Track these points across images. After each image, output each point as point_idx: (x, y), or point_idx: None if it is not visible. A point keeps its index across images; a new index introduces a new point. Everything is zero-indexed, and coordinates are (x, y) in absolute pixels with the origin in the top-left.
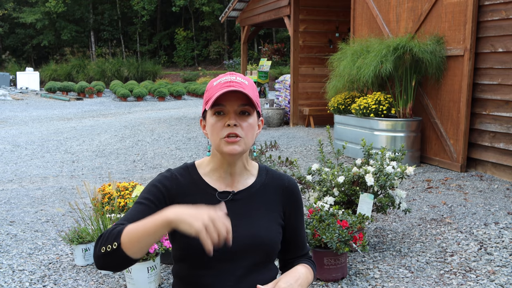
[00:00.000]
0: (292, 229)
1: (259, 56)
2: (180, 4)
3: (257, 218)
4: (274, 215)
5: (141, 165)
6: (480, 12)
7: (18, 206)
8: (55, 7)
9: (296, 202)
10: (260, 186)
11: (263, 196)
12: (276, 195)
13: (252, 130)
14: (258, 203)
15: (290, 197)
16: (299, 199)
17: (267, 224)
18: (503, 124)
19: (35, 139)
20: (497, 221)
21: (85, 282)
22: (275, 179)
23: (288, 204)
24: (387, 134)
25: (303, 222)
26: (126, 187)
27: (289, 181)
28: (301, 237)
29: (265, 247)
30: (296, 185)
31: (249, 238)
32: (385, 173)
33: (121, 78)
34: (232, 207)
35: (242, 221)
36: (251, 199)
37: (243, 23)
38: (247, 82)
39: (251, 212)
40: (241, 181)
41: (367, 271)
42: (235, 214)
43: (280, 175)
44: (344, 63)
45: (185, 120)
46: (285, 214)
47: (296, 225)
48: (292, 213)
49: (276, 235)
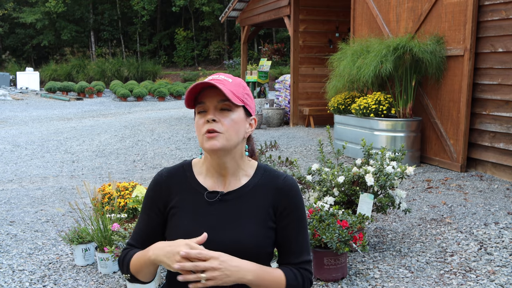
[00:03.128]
0: (283, 233)
1: (259, 56)
2: (180, 4)
3: (244, 221)
4: (264, 217)
5: (141, 165)
6: (480, 12)
7: (18, 206)
8: (55, 7)
9: (291, 204)
10: (253, 187)
11: (254, 197)
12: (268, 196)
13: (235, 126)
14: (248, 205)
15: (283, 198)
16: (294, 201)
17: (254, 227)
18: (503, 124)
19: (35, 139)
20: (497, 221)
21: (85, 282)
22: (271, 179)
23: (279, 205)
24: (387, 134)
25: (301, 227)
26: (126, 187)
27: (284, 181)
28: (296, 243)
29: (249, 252)
30: (292, 186)
31: (233, 243)
32: (385, 173)
33: (121, 78)
34: (219, 207)
35: (229, 223)
36: (241, 201)
37: (243, 23)
38: (230, 80)
39: (240, 214)
40: (233, 182)
41: (367, 271)
42: (223, 215)
43: (277, 175)
44: (344, 63)
45: (185, 120)
46: (276, 215)
47: (288, 229)
48: (285, 216)
49: (262, 240)
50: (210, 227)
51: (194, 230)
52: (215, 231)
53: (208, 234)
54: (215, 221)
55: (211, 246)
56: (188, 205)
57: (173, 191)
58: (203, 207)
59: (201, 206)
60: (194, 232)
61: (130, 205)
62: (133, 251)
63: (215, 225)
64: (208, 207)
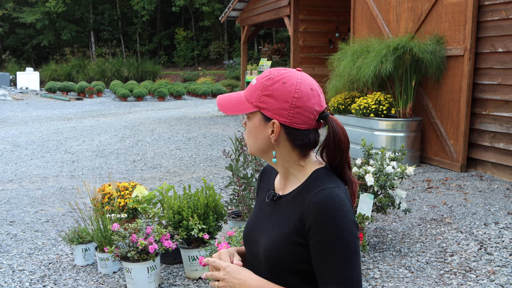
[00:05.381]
0: (312, 253)
1: (259, 56)
2: (180, 4)
3: (276, 228)
4: (289, 230)
5: (141, 165)
6: (480, 12)
7: (18, 206)
8: (55, 7)
9: (314, 222)
10: (295, 195)
11: (291, 206)
12: (299, 208)
13: (249, 135)
14: (282, 212)
15: (309, 214)
16: (319, 219)
17: (279, 238)
18: (503, 124)
19: (35, 139)
20: (497, 221)
21: (85, 282)
22: (310, 189)
23: (306, 222)
24: (387, 134)
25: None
26: (126, 187)
27: (316, 194)
28: (320, 270)
29: (270, 261)
30: (321, 201)
31: (262, 247)
32: (385, 173)
33: (121, 78)
34: (273, 209)
35: (269, 226)
36: (284, 206)
37: (243, 23)
38: (255, 82)
39: (277, 220)
40: (289, 186)
41: (367, 271)
42: (270, 217)
43: (317, 186)
44: (344, 63)
45: (185, 120)
46: (305, 232)
47: (313, 251)
48: (311, 235)
49: (284, 254)
50: (259, 226)
51: (249, 227)
52: (258, 232)
53: (255, 233)
54: (265, 222)
55: (252, 246)
56: (258, 203)
57: (261, 187)
58: (263, 206)
59: (263, 205)
60: (248, 229)
61: (130, 205)
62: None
63: (262, 226)
64: (265, 207)
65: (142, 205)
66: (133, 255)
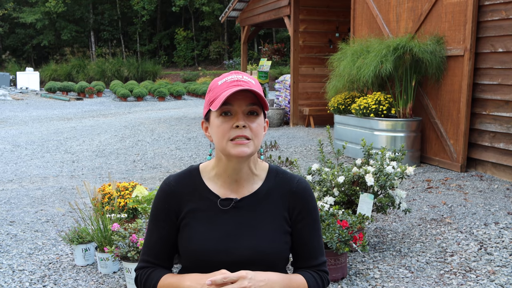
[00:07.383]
0: (299, 236)
1: (259, 56)
2: (180, 4)
3: (261, 227)
4: (280, 222)
5: (141, 165)
6: (480, 12)
7: (18, 206)
8: (55, 7)
9: (305, 207)
10: (267, 191)
11: (269, 202)
12: (282, 200)
13: (261, 131)
14: (263, 210)
15: (298, 202)
16: (308, 204)
17: (272, 234)
18: (503, 124)
19: (35, 139)
20: (497, 221)
21: (85, 282)
22: (284, 182)
23: (295, 209)
24: (387, 134)
25: (316, 230)
26: (126, 187)
27: (298, 184)
28: (311, 246)
29: (267, 259)
30: (305, 188)
31: (250, 250)
32: (385, 173)
33: (121, 78)
34: (235, 215)
35: (244, 230)
36: (256, 206)
37: (243, 23)
38: (254, 82)
39: (255, 220)
40: (247, 187)
41: (367, 271)
42: (238, 222)
43: (290, 178)
44: (344, 63)
45: (185, 120)
46: (292, 219)
47: (303, 233)
48: (300, 219)
49: (281, 245)
50: (226, 235)
51: (210, 240)
52: (231, 239)
53: (224, 242)
54: (231, 229)
55: (228, 255)
56: (201, 214)
57: (183, 200)
58: (217, 215)
59: (215, 214)
60: (209, 242)
61: (130, 205)
62: (156, 274)
63: (231, 233)
64: (222, 215)
65: (142, 205)
66: (133, 255)
